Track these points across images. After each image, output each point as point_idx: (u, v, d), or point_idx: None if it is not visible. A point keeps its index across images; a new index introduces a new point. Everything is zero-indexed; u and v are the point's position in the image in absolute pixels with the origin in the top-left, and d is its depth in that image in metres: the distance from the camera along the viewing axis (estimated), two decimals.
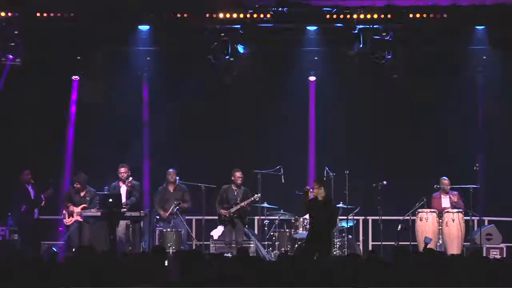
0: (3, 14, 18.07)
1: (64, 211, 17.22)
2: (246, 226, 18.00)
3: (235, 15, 18.21)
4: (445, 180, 17.82)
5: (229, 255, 14.14)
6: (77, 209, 17.14)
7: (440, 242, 17.42)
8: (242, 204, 17.35)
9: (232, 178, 17.64)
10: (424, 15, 18.17)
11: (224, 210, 17.44)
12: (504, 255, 17.30)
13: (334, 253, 17.36)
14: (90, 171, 17.84)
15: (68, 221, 17.17)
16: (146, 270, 8.68)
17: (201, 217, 17.78)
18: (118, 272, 8.56)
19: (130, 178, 17.35)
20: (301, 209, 16.13)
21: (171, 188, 17.77)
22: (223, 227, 17.65)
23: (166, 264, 9.47)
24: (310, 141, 19.74)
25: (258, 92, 19.83)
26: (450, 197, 17.74)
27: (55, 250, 17.64)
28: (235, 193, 17.58)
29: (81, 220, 17.15)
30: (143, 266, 8.89)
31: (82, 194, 17.33)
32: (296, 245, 17.37)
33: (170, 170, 17.85)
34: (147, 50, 19.54)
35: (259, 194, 17.43)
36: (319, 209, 15.04)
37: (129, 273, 8.54)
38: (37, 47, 18.82)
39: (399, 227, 17.49)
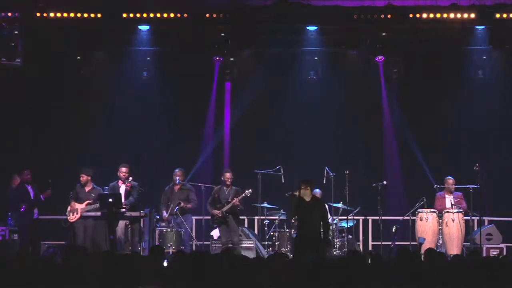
0: (3, 14, 18.07)
1: (68, 209, 17.16)
2: (246, 226, 17.95)
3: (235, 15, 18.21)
4: (450, 180, 17.79)
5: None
6: (81, 206, 17.09)
7: (440, 242, 17.41)
8: (234, 201, 17.29)
9: (222, 178, 17.62)
10: (424, 15, 18.17)
11: (216, 210, 17.39)
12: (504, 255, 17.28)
13: (334, 253, 17.37)
14: None
15: (72, 218, 17.10)
16: (145, 270, 8.67)
17: (201, 217, 17.78)
18: (118, 272, 8.56)
19: (130, 178, 17.32)
20: (290, 211, 15.84)
21: (176, 188, 17.74)
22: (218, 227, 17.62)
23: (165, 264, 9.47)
24: (310, 141, 19.73)
25: (258, 92, 19.82)
26: (453, 198, 17.72)
27: (55, 250, 17.65)
28: (226, 193, 17.55)
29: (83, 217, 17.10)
30: (143, 266, 8.88)
31: (87, 189, 17.26)
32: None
33: (176, 170, 17.78)
34: (147, 50, 19.55)
35: (250, 190, 17.33)
36: (309, 209, 14.76)
37: (129, 273, 8.53)
38: (37, 47, 18.81)
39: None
